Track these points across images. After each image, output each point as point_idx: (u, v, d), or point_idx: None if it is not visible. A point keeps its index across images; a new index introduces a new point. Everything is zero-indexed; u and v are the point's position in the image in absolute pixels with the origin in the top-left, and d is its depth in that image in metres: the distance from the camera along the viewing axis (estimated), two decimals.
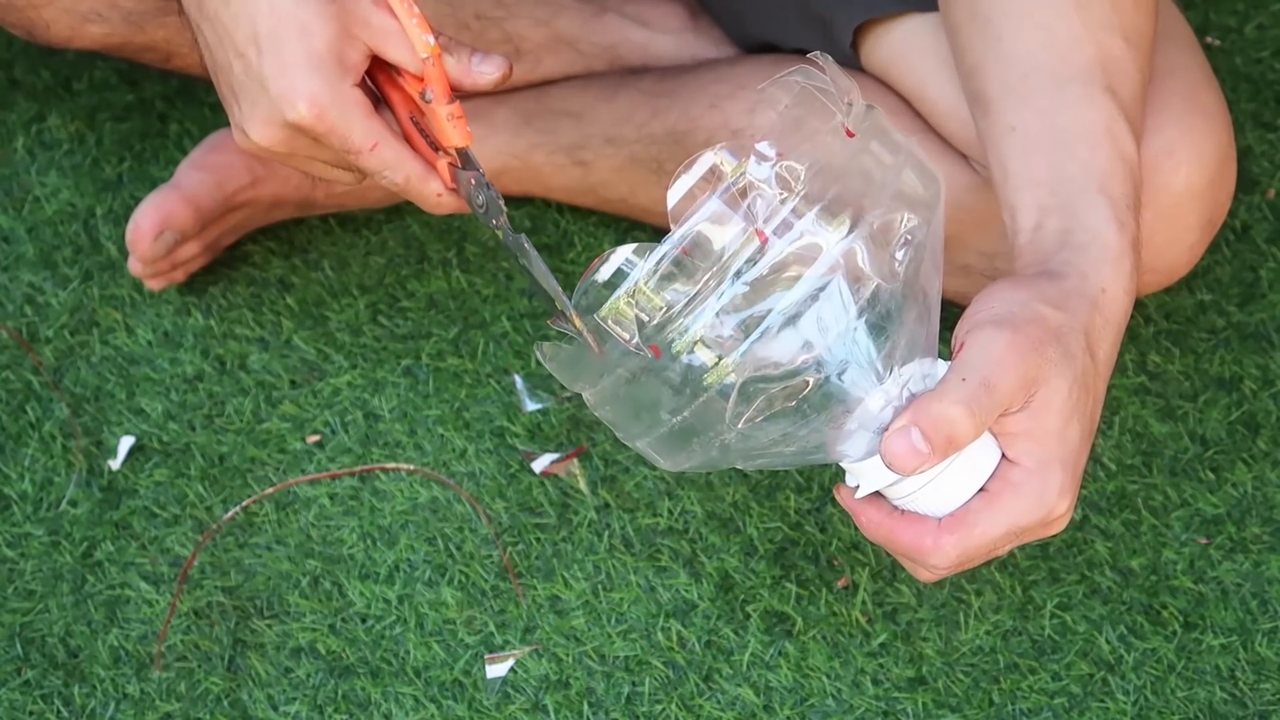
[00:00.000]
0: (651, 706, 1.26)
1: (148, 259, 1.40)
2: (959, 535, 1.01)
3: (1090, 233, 1.05)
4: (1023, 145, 1.10)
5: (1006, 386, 0.98)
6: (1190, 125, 1.24)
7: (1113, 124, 1.09)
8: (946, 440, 0.97)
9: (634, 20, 1.46)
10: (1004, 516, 1.01)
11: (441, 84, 1.09)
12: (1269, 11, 1.59)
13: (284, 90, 1.07)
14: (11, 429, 1.39)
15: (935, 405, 0.97)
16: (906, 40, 1.30)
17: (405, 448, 1.37)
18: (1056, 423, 1.00)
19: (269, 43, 1.07)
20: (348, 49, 1.08)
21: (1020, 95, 1.11)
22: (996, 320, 1.00)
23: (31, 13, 1.31)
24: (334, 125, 1.08)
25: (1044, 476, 1.01)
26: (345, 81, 1.08)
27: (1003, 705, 1.25)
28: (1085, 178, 1.07)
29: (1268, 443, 1.35)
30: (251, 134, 1.10)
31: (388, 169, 1.10)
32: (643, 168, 1.40)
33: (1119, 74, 1.11)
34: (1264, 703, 1.24)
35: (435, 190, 1.12)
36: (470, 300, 1.45)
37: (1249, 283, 1.43)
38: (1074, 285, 1.03)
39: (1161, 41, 1.26)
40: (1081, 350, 1.01)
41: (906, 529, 1.02)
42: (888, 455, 0.98)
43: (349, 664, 1.28)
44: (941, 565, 1.02)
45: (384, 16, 1.08)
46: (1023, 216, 1.08)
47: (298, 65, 1.07)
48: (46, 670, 1.29)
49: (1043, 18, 1.12)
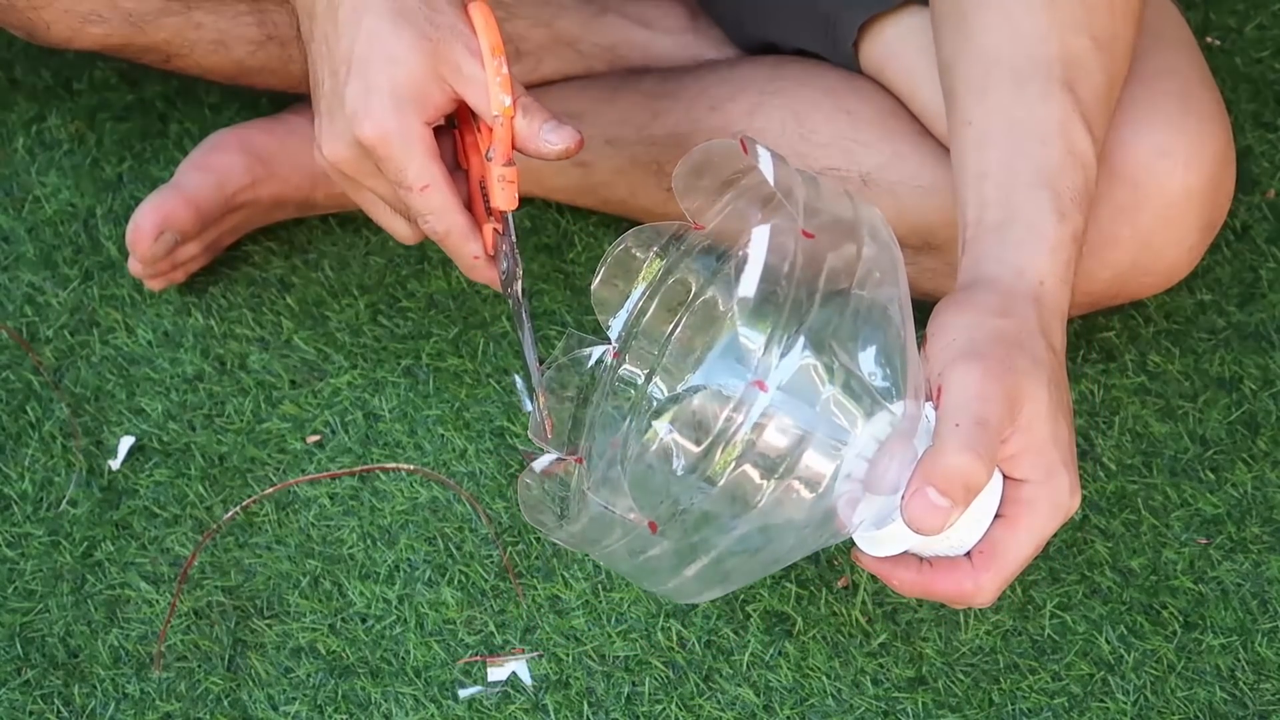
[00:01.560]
0: (651, 706, 1.26)
1: (148, 259, 1.40)
2: (994, 570, 1.01)
3: (1027, 226, 1.05)
4: (977, 140, 1.10)
5: (996, 416, 0.98)
6: (1186, 127, 1.24)
7: (1067, 120, 1.09)
8: (964, 489, 0.97)
9: (634, 21, 1.46)
10: (1029, 536, 1.01)
11: (504, 145, 1.11)
12: (1269, 11, 1.59)
13: (358, 109, 1.10)
14: (11, 429, 1.39)
15: (941, 460, 0.97)
16: (902, 38, 1.30)
17: (405, 448, 1.37)
18: (1048, 429, 1.00)
19: (359, 65, 1.10)
20: (431, 87, 1.10)
21: (980, 90, 1.11)
22: (962, 354, 1.00)
23: (32, 14, 1.31)
24: (393, 154, 1.10)
25: (1053, 484, 1.01)
26: (417, 117, 1.10)
27: (1003, 705, 1.25)
28: (1031, 171, 1.07)
29: (1268, 443, 1.35)
30: (324, 148, 1.13)
31: (432, 214, 1.12)
32: (643, 169, 1.40)
33: (1081, 73, 1.10)
34: (1264, 703, 1.24)
35: (473, 251, 1.14)
36: (470, 300, 1.45)
37: (1249, 283, 1.43)
38: (1010, 284, 1.03)
39: (1157, 43, 1.26)
40: (1045, 349, 1.01)
41: (943, 580, 1.02)
42: (913, 521, 0.97)
43: (349, 664, 1.28)
44: (986, 601, 1.02)
45: (475, 66, 1.10)
46: (969, 210, 1.08)
47: (377, 90, 1.09)
48: (46, 670, 1.29)
49: (1013, 15, 1.12)
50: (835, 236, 0.99)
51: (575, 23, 1.45)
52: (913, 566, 1.03)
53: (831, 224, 0.99)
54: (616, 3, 1.46)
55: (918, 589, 1.03)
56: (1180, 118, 1.24)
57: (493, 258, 1.15)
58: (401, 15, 1.10)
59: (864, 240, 0.99)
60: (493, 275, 1.15)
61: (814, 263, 0.98)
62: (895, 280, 1.00)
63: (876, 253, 0.99)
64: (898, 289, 1.00)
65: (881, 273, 0.99)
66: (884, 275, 0.99)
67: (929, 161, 1.30)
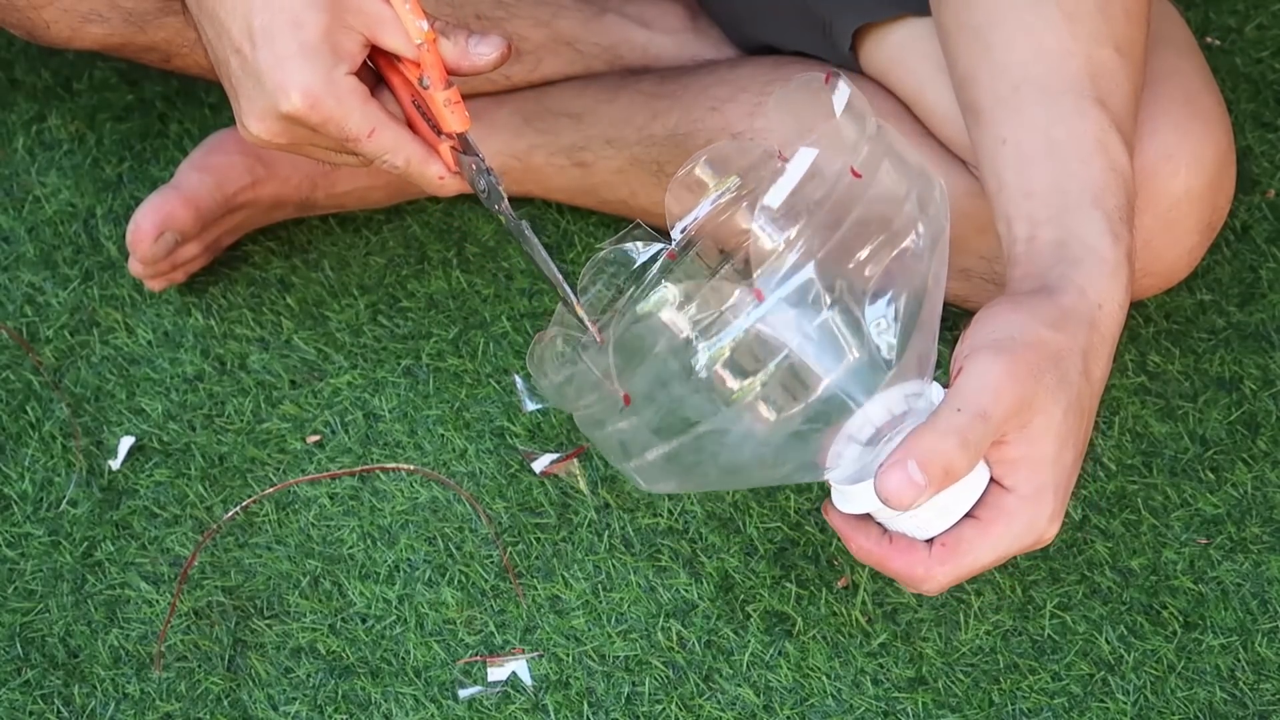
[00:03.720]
0: (651, 706, 1.26)
1: (148, 259, 1.40)
2: (951, 565, 1.01)
3: (1085, 246, 1.05)
4: (1015, 158, 1.10)
5: (1000, 414, 0.98)
6: (1188, 129, 1.24)
7: (1104, 136, 1.09)
8: (942, 473, 0.97)
9: (634, 21, 1.46)
10: (996, 544, 1.01)
11: (437, 70, 1.10)
12: (1269, 11, 1.59)
13: (278, 82, 1.08)
14: (11, 429, 1.39)
15: (929, 439, 0.97)
16: (905, 44, 1.30)
17: (405, 448, 1.37)
18: (1051, 449, 1.00)
19: (262, 37, 1.08)
20: (342, 38, 1.09)
21: (1012, 107, 1.11)
22: (995, 346, 0.99)
23: (32, 13, 1.31)
24: (329, 114, 1.09)
25: (1036, 503, 1.01)
26: (339, 70, 1.09)
27: (1003, 705, 1.25)
28: (1079, 191, 1.07)
29: (1268, 443, 1.35)
30: (251, 128, 1.11)
31: (387, 153, 1.11)
32: (643, 169, 1.40)
33: (1110, 85, 1.10)
34: (1264, 703, 1.24)
35: (437, 172, 1.13)
36: (470, 300, 1.45)
37: (1249, 283, 1.43)
38: (1072, 303, 1.03)
39: (1159, 45, 1.26)
40: (1078, 374, 1.01)
41: (897, 557, 1.02)
42: (884, 491, 0.97)
43: (349, 664, 1.28)
44: (932, 590, 1.02)
45: (378, 3, 1.09)
46: (1018, 227, 1.07)
47: (291, 57, 1.08)
48: (46, 670, 1.29)
49: (1032, 29, 1.11)
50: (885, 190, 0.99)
51: (575, 23, 1.45)
52: (874, 536, 1.03)
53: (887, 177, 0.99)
54: (616, 3, 1.46)
55: (872, 558, 1.03)
56: (1183, 120, 1.24)
57: (458, 172, 1.14)
58: None
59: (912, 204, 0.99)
60: (464, 186, 1.14)
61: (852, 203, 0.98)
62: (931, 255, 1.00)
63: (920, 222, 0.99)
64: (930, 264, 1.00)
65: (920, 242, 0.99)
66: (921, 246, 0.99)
67: (932, 163, 1.30)
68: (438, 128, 1.12)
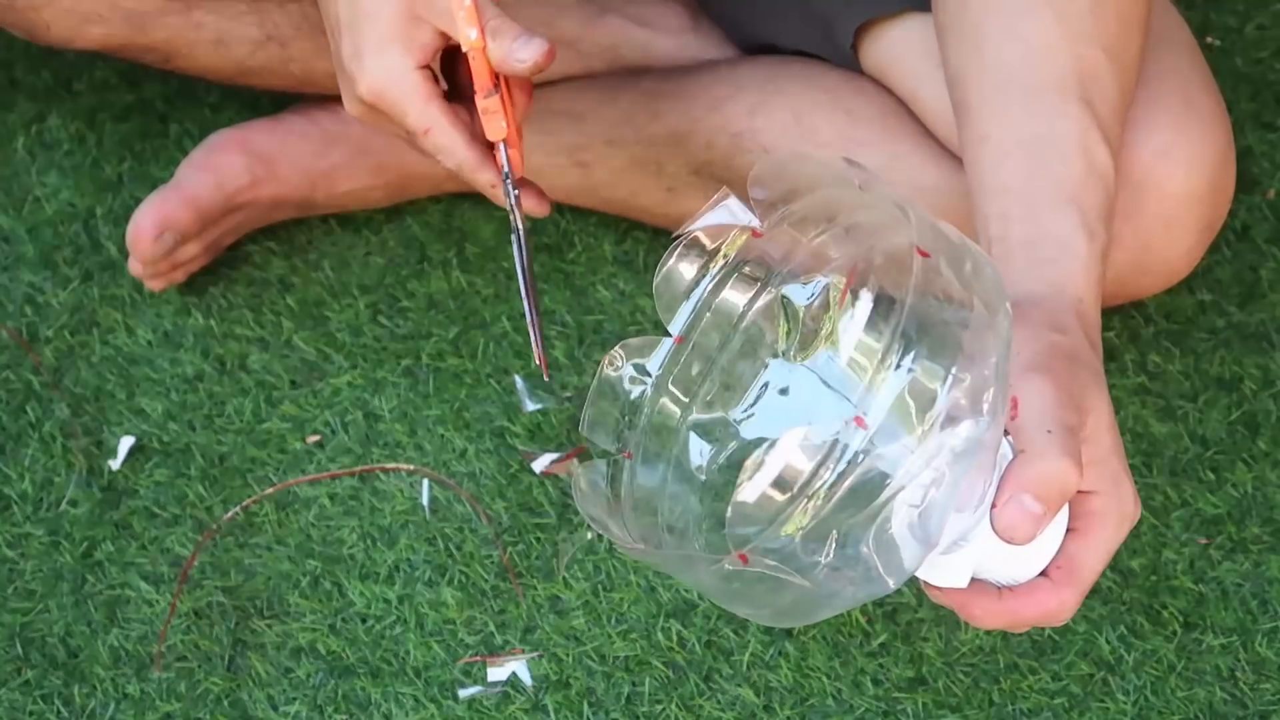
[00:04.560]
0: (651, 706, 1.26)
1: (148, 259, 1.40)
2: (1076, 586, 0.99)
3: (1058, 244, 1.04)
4: (994, 154, 1.09)
5: (1078, 426, 0.96)
6: (1187, 128, 1.24)
7: (1086, 135, 1.08)
8: (1060, 495, 0.95)
9: (635, 21, 1.46)
10: (1103, 547, 0.99)
11: (481, 77, 1.13)
12: (1269, 11, 1.59)
13: (354, 71, 1.12)
14: (11, 429, 1.39)
15: (1037, 465, 0.94)
16: (904, 41, 1.30)
17: (405, 448, 1.37)
18: (1111, 439, 0.99)
19: (346, 27, 1.12)
20: (413, 30, 1.12)
21: (995, 105, 1.11)
22: (1031, 367, 0.97)
23: (32, 14, 1.31)
24: (390, 106, 1.12)
25: (1119, 495, 0.99)
26: (406, 63, 1.12)
27: (1003, 705, 1.25)
28: (1055, 188, 1.06)
29: (1268, 443, 1.35)
30: (346, 105, 1.16)
31: (440, 153, 1.14)
32: (643, 169, 1.40)
33: (1096, 86, 1.10)
34: (1264, 703, 1.24)
35: (489, 180, 1.15)
36: (470, 300, 1.45)
37: (1249, 283, 1.43)
38: (1055, 302, 1.02)
39: (1159, 45, 1.26)
40: (1098, 362, 1.01)
41: (1026, 605, 0.99)
42: (1004, 530, 0.94)
43: (349, 664, 1.28)
44: (1067, 617, 0.99)
45: None
46: (993, 226, 1.07)
47: (364, 47, 1.12)
48: (46, 670, 1.29)
49: (1023, 28, 1.11)
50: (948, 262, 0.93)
51: (575, 23, 1.45)
52: (991, 595, 0.99)
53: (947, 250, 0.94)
54: (616, 3, 1.46)
55: (1002, 617, 0.99)
56: (1182, 120, 1.24)
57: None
58: None
59: (967, 265, 0.93)
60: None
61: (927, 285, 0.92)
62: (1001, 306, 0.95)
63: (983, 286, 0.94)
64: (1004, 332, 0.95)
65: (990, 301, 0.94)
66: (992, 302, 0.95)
67: (930, 162, 1.30)
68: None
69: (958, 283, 0.92)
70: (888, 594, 0.95)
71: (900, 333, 0.90)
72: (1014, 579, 0.99)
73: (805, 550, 0.91)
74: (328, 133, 1.45)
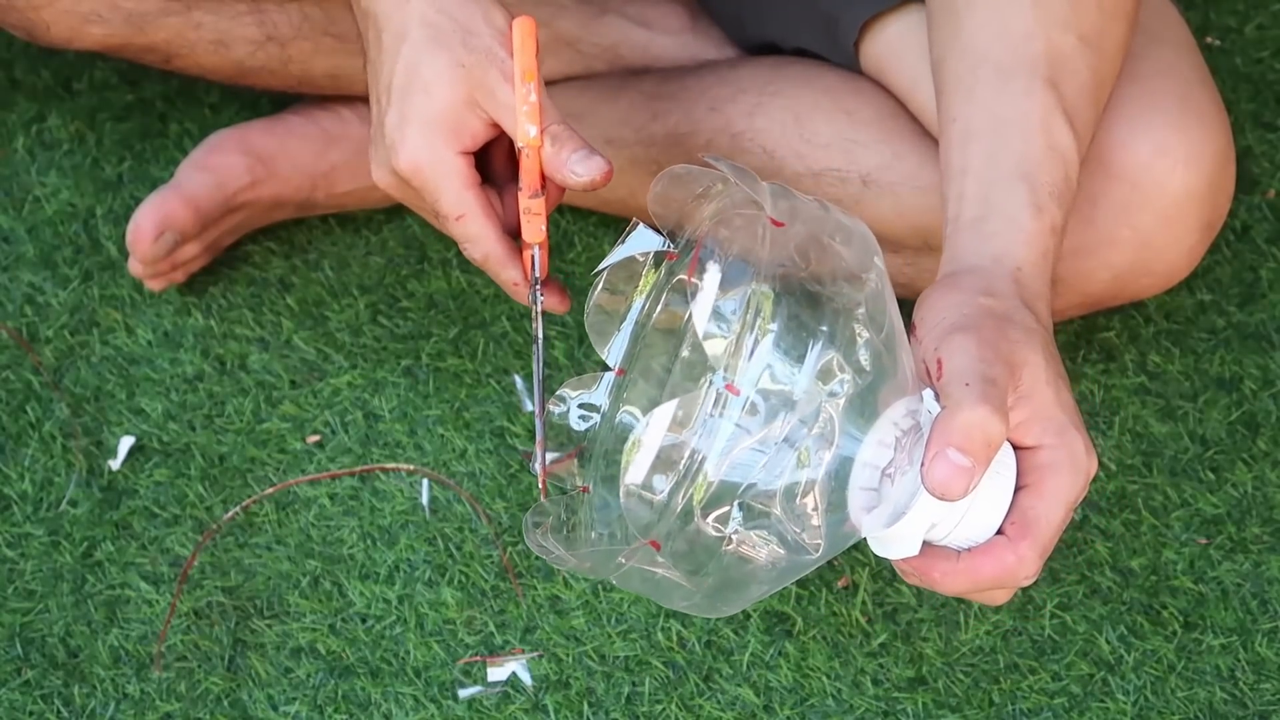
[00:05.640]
0: (651, 706, 1.26)
1: (148, 259, 1.40)
2: (1031, 538, 0.98)
3: (1005, 218, 1.05)
4: (960, 136, 1.10)
5: (1002, 377, 0.97)
6: (1185, 127, 1.24)
7: (1049, 116, 1.08)
8: (985, 446, 0.95)
9: (634, 21, 1.46)
10: (1057, 497, 0.98)
11: (530, 176, 1.10)
12: (1269, 11, 1.59)
13: (394, 141, 1.10)
14: (11, 429, 1.39)
15: (957, 417, 0.95)
16: (902, 36, 1.30)
17: (405, 448, 1.37)
18: (1051, 393, 0.99)
19: (397, 95, 1.10)
20: (466, 115, 1.10)
21: (966, 87, 1.11)
22: (956, 327, 0.98)
23: (32, 14, 1.31)
24: (426, 185, 1.10)
25: (1069, 445, 0.98)
26: (451, 147, 1.10)
27: (1003, 705, 1.25)
28: (1010, 165, 1.07)
29: (1268, 443, 1.35)
30: (374, 173, 1.13)
31: (468, 242, 1.12)
32: (643, 169, 1.40)
33: (1065, 70, 1.10)
34: (1264, 703, 1.24)
35: (512, 278, 1.13)
36: (470, 300, 1.45)
37: (1249, 283, 1.43)
38: (991, 270, 1.03)
39: (1156, 43, 1.26)
40: (1033, 320, 1.01)
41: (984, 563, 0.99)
42: (935, 486, 0.95)
43: (349, 664, 1.28)
44: (1029, 574, 0.99)
45: (508, 92, 1.09)
46: (950, 207, 1.08)
47: (412, 121, 1.09)
48: (46, 670, 1.29)
49: (1001, 13, 1.12)
50: (809, 233, 0.96)
51: (575, 23, 1.45)
52: (949, 557, 0.99)
53: (807, 220, 0.97)
54: (616, 3, 1.46)
55: (963, 579, 0.99)
56: (1180, 118, 1.24)
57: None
58: (436, 42, 1.09)
59: (837, 239, 0.97)
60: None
61: (782, 252, 0.96)
62: (870, 278, 0.98)
63: (852, 252, 0.97)
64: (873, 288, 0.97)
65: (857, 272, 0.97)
66: (860, 274, 0.97)
67: (929, 162, 1.30)
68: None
69: (820, 248, 0.95)
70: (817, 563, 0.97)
71: (753, 297, 0.93)
72: (972, 540, 0.99)
73: (711, 525, 0.94)
74: (328, 133, 1.45)
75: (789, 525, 0.95)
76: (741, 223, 1.00)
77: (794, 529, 0.95)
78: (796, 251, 0.96)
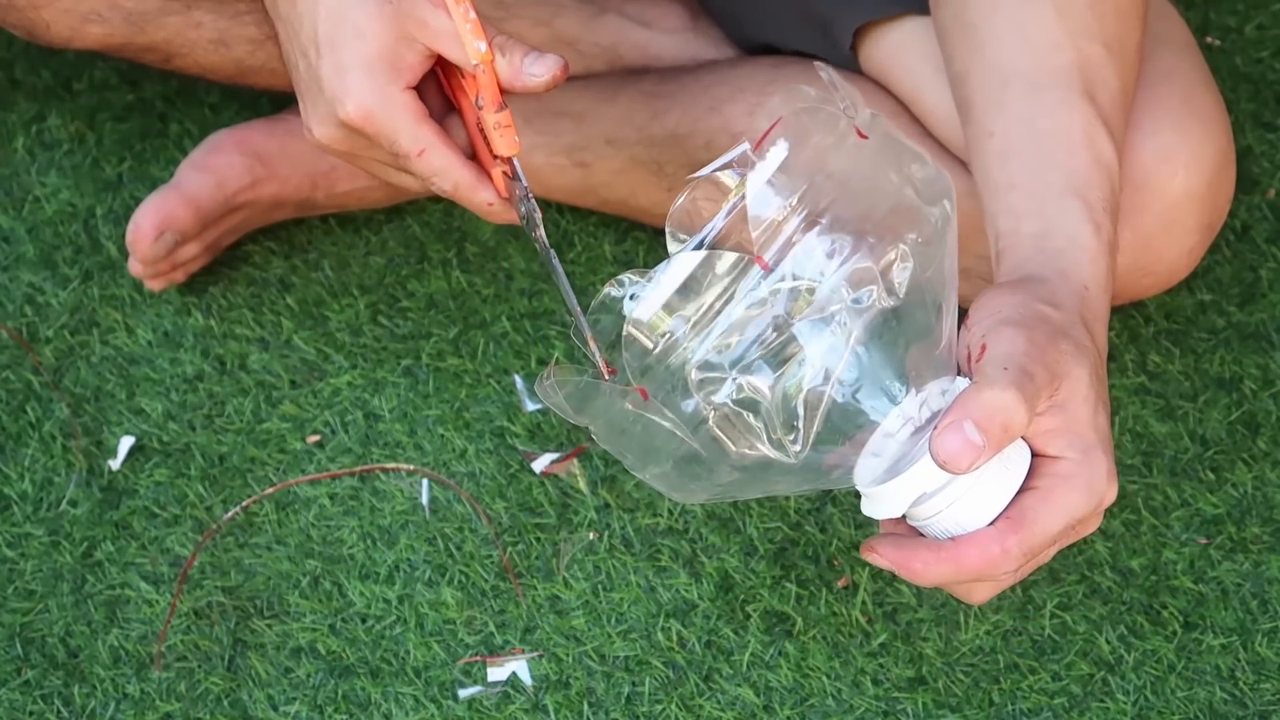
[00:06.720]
0: (651, 706, 1.26)
1: (148, 260, 1.40)
2: (1022, 534, 0.96)
3: (1066, 236, 1.05)
4: (1000, 151, 1.09)
5: (1041, 377, 0.96)
6: (1187, 129, 1.24)
7: (1090, 129, 1.08)
8: (1002, 429, 0.93)
9: (634, 21, 1.46)
10: (1062, 509, 0.97)
11: (491, 91, 1.09)
12: (1269, 11, 1.59)
13: (336, 91, 1.09)
14: (11, 429, 1.39)
15: (985, 394, 0.93)
16: (904, 43, 1.30)
17: (405, 448, 1.37)
18: (1087, 411, 0.98)
19: (326, 45, 1.09)
20: (403, 51, 1.09)
21: (999, 102, 1.11)
22: (1008, 321, 0.98)
23: (32, 13, 1.31)
24: (380, 128, 1.09)
25: (1090, 465, 0.97)
26: (396, 85, 1.09)
27: (1003, 705, 1.25)
28: (1061, 182, 1.07)
29: (1268, 443, 1.35)
30: (314, 131, 1.12)
31: (435, 175, 1.11)
32: (643, 169, 1.40)
33: (1098, 80, 1.10)
34: (1264, 703, 1.25)
35: (486, 199, 1.12)
36: (470, 300, 1.45)
37: (1249, 283, 1.43)
38: (1058, 285, 1.02)
39: (1158, 45, 1.26)
40: (1089, 340, 1.00)
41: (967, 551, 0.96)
42: (941, 453, 0.93)
43: (349, 664, 1.28)
44: (1010, 569, 0.97)
45: (442, 18, 1.08)
46: (1002, 221, 1.07)
47: (351, 67, 1.08)
48: (46, 670, 1.29)
49: (1023, 25, 1.11)
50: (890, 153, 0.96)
51: (575, 23, 1.45)
52: (931, 546, 0.97)
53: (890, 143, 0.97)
54: (616, 3, 1.46)
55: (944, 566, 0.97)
56: (1182, 120, 1.24)
57: (508, 199, 1.13)
58: None
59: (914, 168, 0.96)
60: (512, 216, 1.13)
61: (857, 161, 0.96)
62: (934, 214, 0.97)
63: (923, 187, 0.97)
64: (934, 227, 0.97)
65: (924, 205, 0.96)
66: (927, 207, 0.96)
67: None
68: (494, 151, 1.11)
69: (895, 170, 0.96)
70: (793, 487, 0.97)
71: (811, 187, 0.94)
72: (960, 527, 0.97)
73: (700, 389, 0.94)
74: None
75: (775, 420, 0.94)
76: (824, 119, 0.98)
77: (779, 428, 0.94)
78: (869, 165, 0.96)
